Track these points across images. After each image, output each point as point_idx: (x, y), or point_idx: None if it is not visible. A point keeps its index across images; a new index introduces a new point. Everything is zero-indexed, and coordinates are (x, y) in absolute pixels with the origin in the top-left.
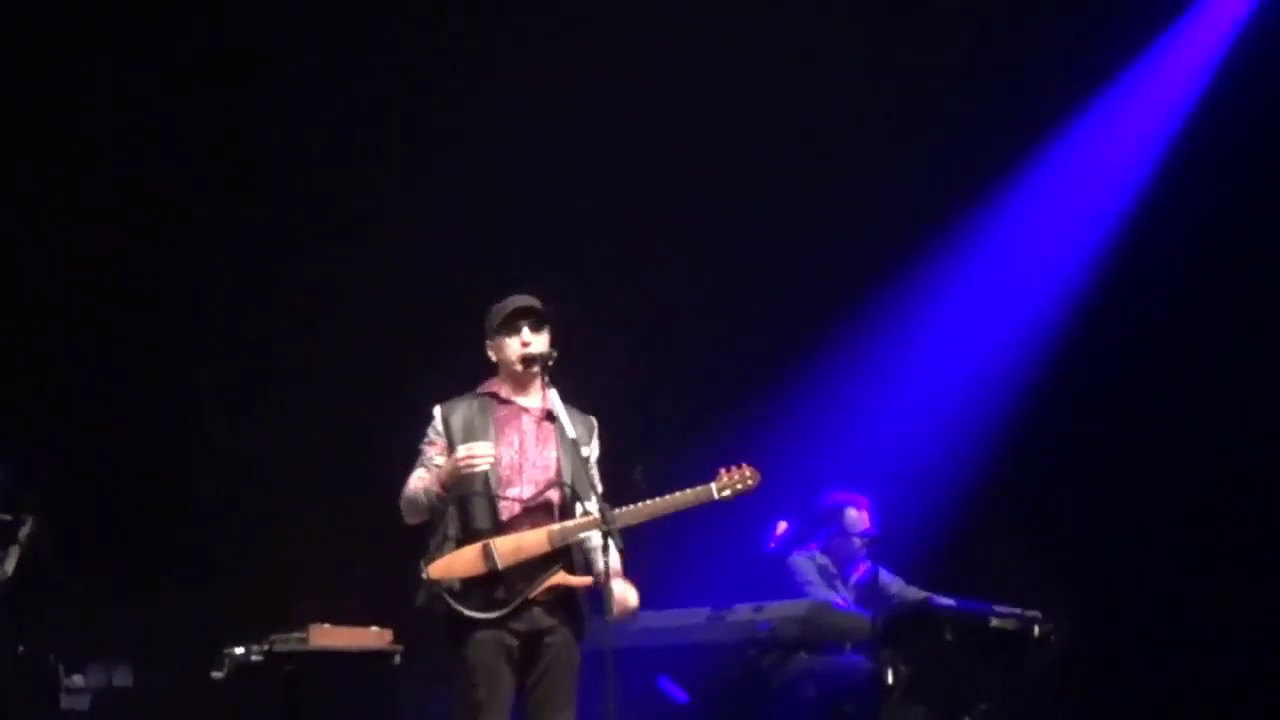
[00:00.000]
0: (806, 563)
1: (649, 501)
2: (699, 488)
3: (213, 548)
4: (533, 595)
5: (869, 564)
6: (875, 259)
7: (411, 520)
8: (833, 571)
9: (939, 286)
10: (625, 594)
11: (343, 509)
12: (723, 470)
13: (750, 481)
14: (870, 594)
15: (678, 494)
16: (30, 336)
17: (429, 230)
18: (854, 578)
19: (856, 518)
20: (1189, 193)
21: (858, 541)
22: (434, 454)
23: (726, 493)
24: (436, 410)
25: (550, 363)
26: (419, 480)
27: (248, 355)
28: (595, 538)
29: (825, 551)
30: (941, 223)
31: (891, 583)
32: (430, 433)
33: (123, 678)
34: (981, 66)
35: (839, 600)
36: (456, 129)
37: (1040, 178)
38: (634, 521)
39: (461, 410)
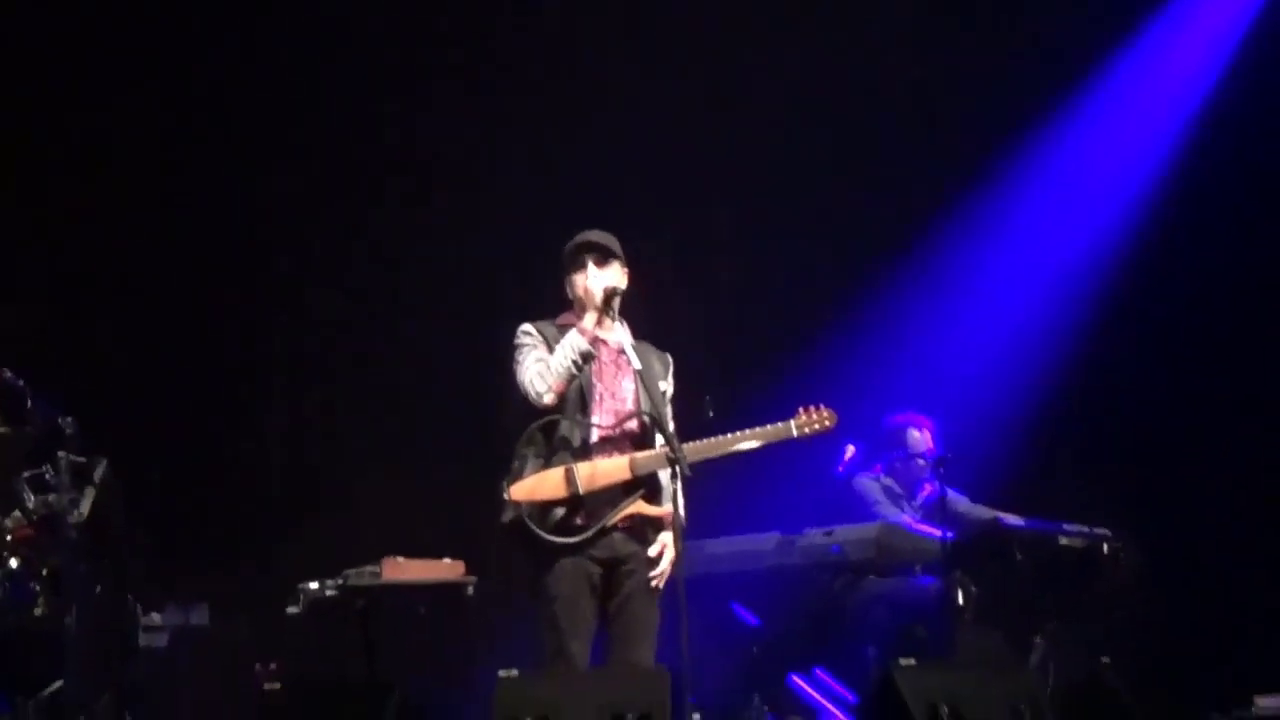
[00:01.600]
0: (872, 484)
1: (725, 436)
2: (779, 424)
3: (286, 487)
4: (612, 522)
5: (935, 484)
6: (940, 186)
7: (554, 394)
8: (898, 492)
9: (1003, 213)
10: (668, 544)
11: (410, 449)
12: (801, 409)
13: (828, 422)
14: (939, 513)
15: (758, 429)
16: (109, 295)
17: (494, 182)
18: (921, 497)
19: (920, 438)
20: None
21: (921, 462)
22: (542, 353)
23: (805, 430)
24: (526, 325)
25: (617, 295)
26: (545, 359)
27: (316, 309)
28: (666, 478)
29: (890, 473)
30: (1005, 149)
31: (960, 502)
32: (527, 341)
33: (200, 616)
34: None
35: (908, 520)
36: (520, 76)
37: (1102, 100)
38: (714, 454)
39: (550, 331)
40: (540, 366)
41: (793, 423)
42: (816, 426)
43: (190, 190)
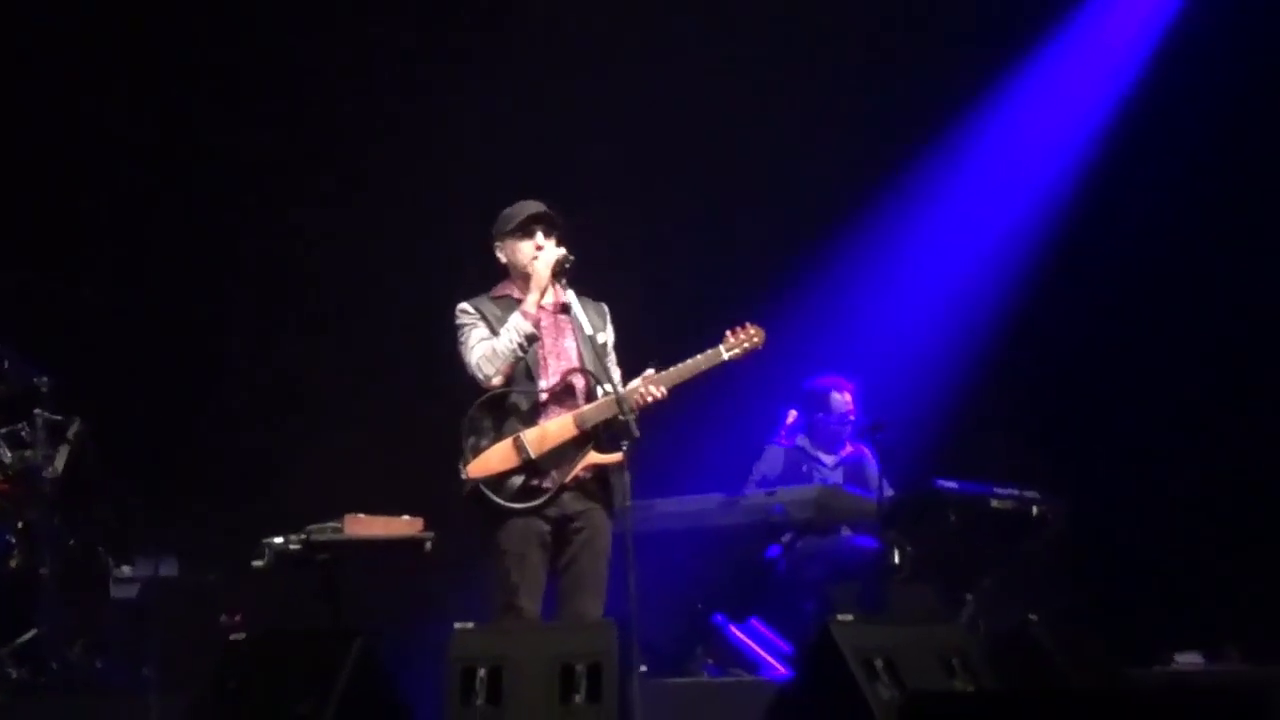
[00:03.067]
0: (770, 456)
1: (665, 371)
2: (708, 351)
3: (251, 445)
4: (568, 480)
5: (855, 445)
6: (876, 155)
7: (500, 376)
8: (811, 454)
9: (938, 179)
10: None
11: (372, 408)
12: (728, 332)
13: (756, 339)
14: (859, 473)
15: (689, 361)
16: (76, 247)
17: (446, 150)
18: (840, 455)
19: (841, 400)
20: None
21: (843, 424)
22: (484, 331)
23: (735, 352)
24: (463, 304)
25: (568, 265)
26: (490, 341)
27: (278, 269)
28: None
29: (809, 434)
30: (941, 116)
31: (874, 475)
32: (467, 320)
33: (169, 568)
34: None
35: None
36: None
37: (1035, 75)
38: (654, 394)
39: (487, 306)
40: (485, 348)
41: (721, 347)
42: (746, 345)
43: (160, 150)
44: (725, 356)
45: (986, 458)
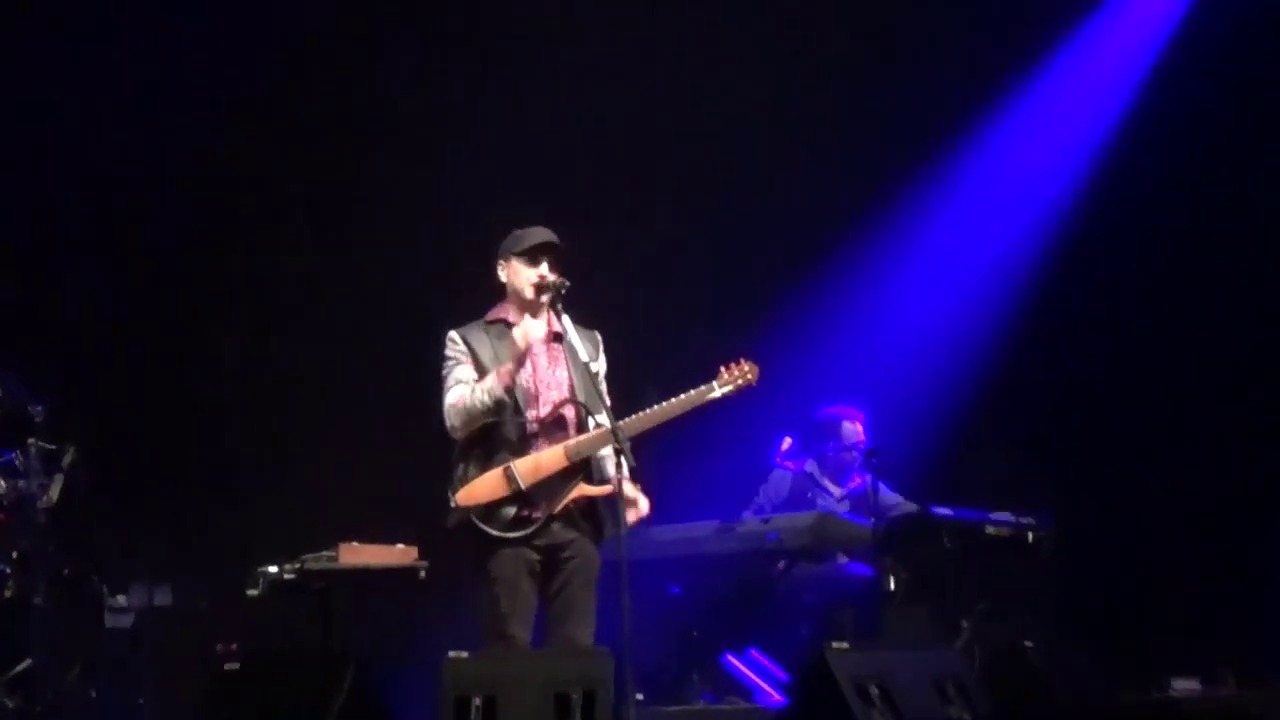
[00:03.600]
0: (777, 481)
1: (654, 408)
2: (700, 388)
3: (245, 474)
4: (557, 510)
5: (866, 476)
6: (870, 179)
7: (464, 431)
8: (820, 482)
9: (933, 205)
10: (637, 498)
11: (364, 434)
12: (722, 368)
13: (750, 376)
14: (867, 504)
15: (681, 396)
16: (65, 274)
17: (445, 158)
18: (849, 488)
19: (852, 430)
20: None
21: (853, 454)
22: (467, 372)
23: (728, 389)
24: (453, 334)
25: (564, 291)
26: (469, 391)
27: (269, 290)
28: (607, 449)
29: (820, 463)
30: (935, 140)
31: (890, 497)
32: (454, 353)
33: (163, 597)
34: None
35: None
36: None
37: (1032, 96)
38: (643, 428)
39: (478, 337)
40: (457, 398)
41: (715, 383)
42: (740, 382)
43: (151, 167)
44: (718, 393)
45: (981, 482)
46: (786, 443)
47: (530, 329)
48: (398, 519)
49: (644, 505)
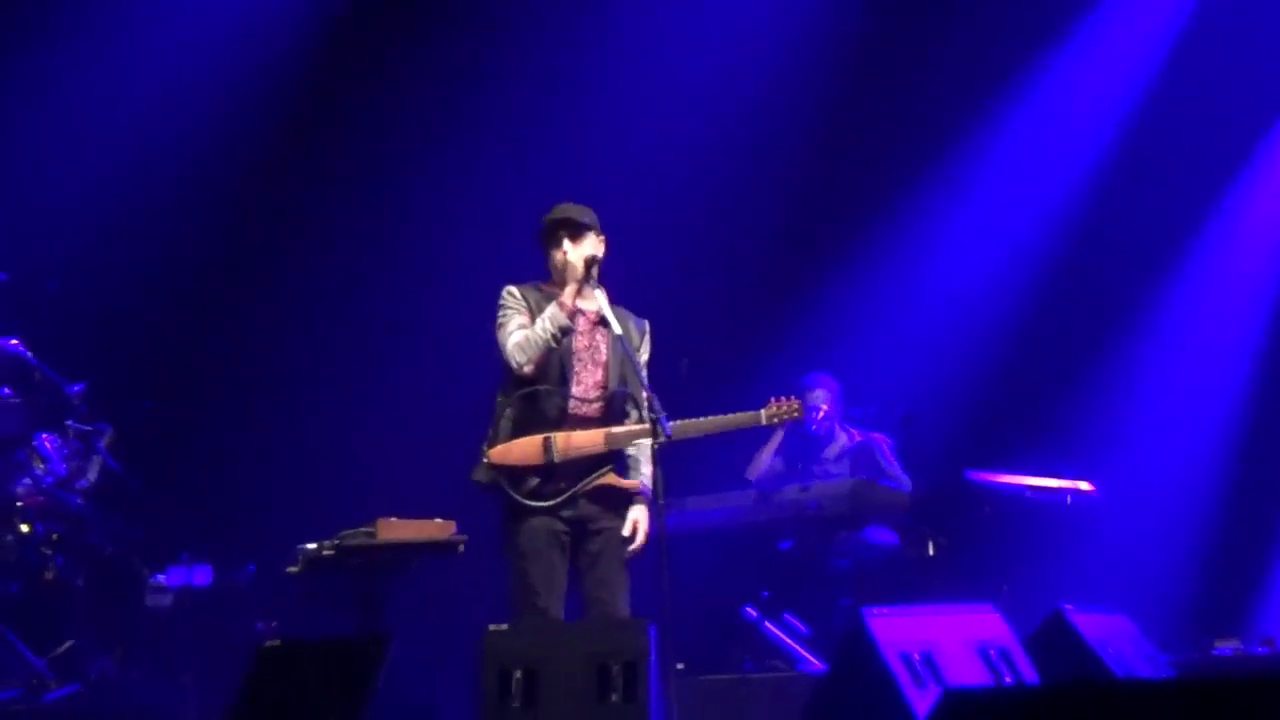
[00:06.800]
0: (772, 445)
1: (701, 420)
2: (749, 413)
3: (283, 452)
4: (583, 491)
5: (864, 434)
6: (904, 151)
7: (527, 367)
8: (806, 448)
9: (966, 178)
10: (640, 519)
11: (401, 411)
12: (773, 399)
13: (796, 414)
14: (865, 460)
15: (729, 416)
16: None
17: (493, 145)
18: (844, 445)
19: (810, 396)
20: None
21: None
22: (524, 320)
23: (774, 420)
24: (511, 288)
25: (595, 266)
26: (527, 328)
27: (308, 267)
28: (636, 450)
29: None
30: (968, 112)
31: (890, 466)
32: (512, 304)
33: (203, 576)
34: None
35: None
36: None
37: (1064, 63)
38: (684, 436)
39: (533, 295)
40: (521, 336)
41: (763, 412)
42: (784, 416)
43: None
44: (765, 422)
45: (1019, 448)
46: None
47: (577, 264)
48: (435, 493)
49: (644, 528)
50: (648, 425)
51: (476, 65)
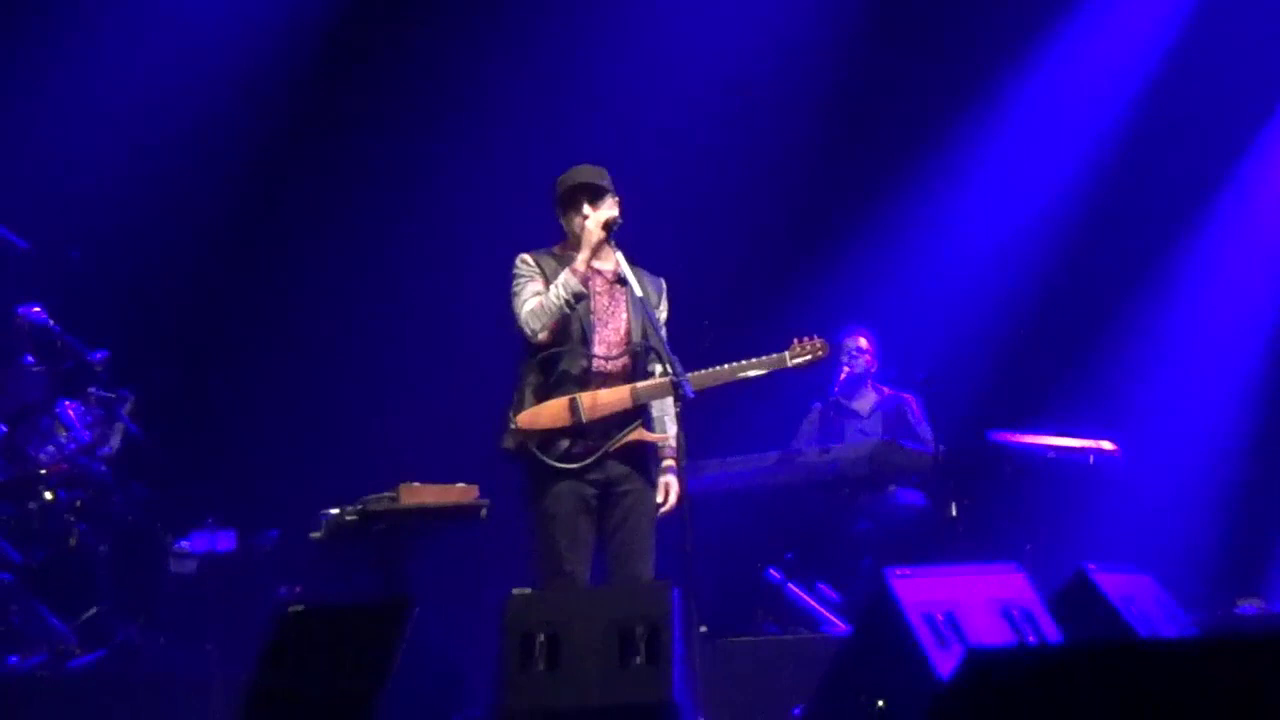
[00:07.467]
0: (810, 415)
1: (725, 366)
2: (773, 355)
3: (304, 417)
4: (613, 449)
5: (895, 391)
6: (927, 108)
7: (546, 331)
8: (846, 405)
9: (990, 138)
10: (672, 483)
11: (425, 376)
12: (796, 340)
13: (821, 352)
14: (896, 419)
15: (753, 360)
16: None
17: (510, 113)
18: (876, 400)
19: (851, 343)
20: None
21: (856, 360)
22: (538, 286)
23: (799, 360)
24: (524, 255)
25: (615, 228)
26: (541, 294)
27: (335, 243)
28: (658, 406)
29: (838, 386)
30: (997, 68)
31: (917, 424)
32: (526, 271)
33: (226, 542)
34: None
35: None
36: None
37: (1078, 39)
38: (710, 384)
39: (547, 261)
40: (535, 304)
41: (787, 353)
42: (809, 356)
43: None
44: (790, 363)
45: (1040, 407)
46: (845, 373)
47: (596, 228)
48: (458, 457)
49: (675, 492)
50: (670, 379)
51: (496, 29)
